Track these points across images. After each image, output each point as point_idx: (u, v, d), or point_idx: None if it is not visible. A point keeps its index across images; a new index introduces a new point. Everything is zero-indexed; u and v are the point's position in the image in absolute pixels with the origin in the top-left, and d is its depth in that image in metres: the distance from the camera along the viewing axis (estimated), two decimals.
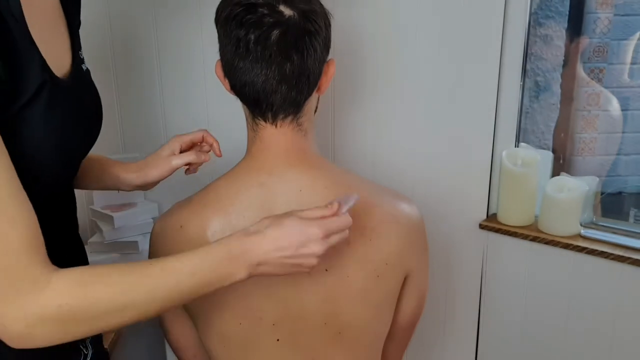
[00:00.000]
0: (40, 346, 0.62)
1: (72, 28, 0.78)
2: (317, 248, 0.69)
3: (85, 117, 0.78)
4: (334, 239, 0.71)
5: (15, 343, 0.61)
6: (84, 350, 0.83)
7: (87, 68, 0.81)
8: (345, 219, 0.71)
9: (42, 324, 0.60)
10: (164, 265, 0.65)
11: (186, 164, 0.95)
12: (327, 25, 0.82)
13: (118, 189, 0.98)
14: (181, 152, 0.96)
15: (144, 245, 1.24)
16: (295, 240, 0.68)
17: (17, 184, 0.61)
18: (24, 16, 0.64)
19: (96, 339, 0.88)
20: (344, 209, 0.72)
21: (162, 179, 0.96)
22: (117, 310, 0.62)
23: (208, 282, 0.66)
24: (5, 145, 0.60)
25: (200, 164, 0.97)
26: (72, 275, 0.61)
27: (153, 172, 0.94)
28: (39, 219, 0.62)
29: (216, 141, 0.97)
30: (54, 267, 0.62)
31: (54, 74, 0.69)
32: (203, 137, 0.97)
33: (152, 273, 0.64)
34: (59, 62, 0.72)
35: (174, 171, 0.95)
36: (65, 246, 0.80)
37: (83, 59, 0.80)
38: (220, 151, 0.97)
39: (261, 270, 0.69)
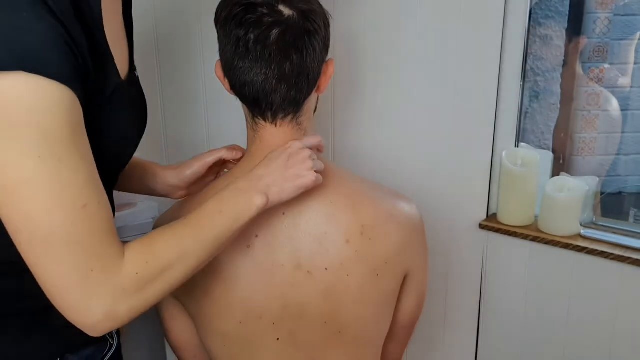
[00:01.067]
0: (121, 324, 0.65)
1: (129, 35, 0.81)
2: (304, 152, 0.78)
3: (135, 121, 0.81)
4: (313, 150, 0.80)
5: (99, 326, 0.63)
6: (110, 341, 0.86)
7: (137, 75, 0.83)
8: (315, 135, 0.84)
9: (127, 296, 0.63)
10: (197, 213, 0.71)
11: (219, 160, 0.96)
12: (326, 25, 0.82)
13: (152, 192, 1.00)
14: None
15: None
16: (283, 155, 0.77)
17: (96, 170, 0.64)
18: (103, 21, 0.68)
19: (118, 331, 0.90)
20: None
21: (196, 177, 0.97)
22: (178, 260, 0.68)
23: (236, 215, 0.72)
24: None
25: (234, 159, 0.97)
26: (136, 243, 0.66)
27: (187, 169, 0.97)
28: None
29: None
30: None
31: (120, 76, 0.73)
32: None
33: (191, 222, 0.71)
34: (121, 65, 0.75)
35: (206, 167, 0.96)
36: None
37: (135, 65, 0.83)
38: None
39: (273, 191, 0.75)
